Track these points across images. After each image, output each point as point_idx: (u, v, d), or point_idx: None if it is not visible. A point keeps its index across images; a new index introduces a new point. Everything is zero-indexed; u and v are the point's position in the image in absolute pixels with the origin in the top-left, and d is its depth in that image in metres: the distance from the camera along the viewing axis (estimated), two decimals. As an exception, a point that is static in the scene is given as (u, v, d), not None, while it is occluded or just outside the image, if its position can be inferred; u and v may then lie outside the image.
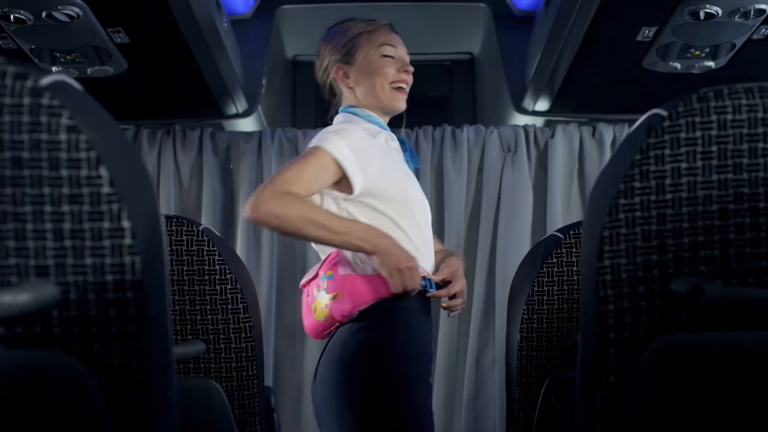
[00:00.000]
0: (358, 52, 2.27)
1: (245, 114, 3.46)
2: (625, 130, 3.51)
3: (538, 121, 3.62)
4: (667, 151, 1.24)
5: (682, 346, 1.23)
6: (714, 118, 1.24)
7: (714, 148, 1.24)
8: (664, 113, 1.27)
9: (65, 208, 1.02)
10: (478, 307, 3.50)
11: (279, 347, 3.51)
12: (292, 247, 3.55)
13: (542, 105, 3.41)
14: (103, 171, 1.02)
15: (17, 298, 0.99)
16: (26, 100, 1.00)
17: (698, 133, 1.24)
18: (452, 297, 2.17)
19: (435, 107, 4.17)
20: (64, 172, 1.02)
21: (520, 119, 3.61)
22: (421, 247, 2.15)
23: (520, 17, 3.55)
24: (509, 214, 3.49)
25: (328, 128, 2.16)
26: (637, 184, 1.25)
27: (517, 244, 3.44)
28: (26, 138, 1.00)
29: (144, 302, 1.06)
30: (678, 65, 2.83)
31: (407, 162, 2.25)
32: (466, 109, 4.17)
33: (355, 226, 2.04)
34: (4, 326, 1.04)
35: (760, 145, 1.23)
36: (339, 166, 2.04)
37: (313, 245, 2.24)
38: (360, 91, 2.26)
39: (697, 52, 2.72)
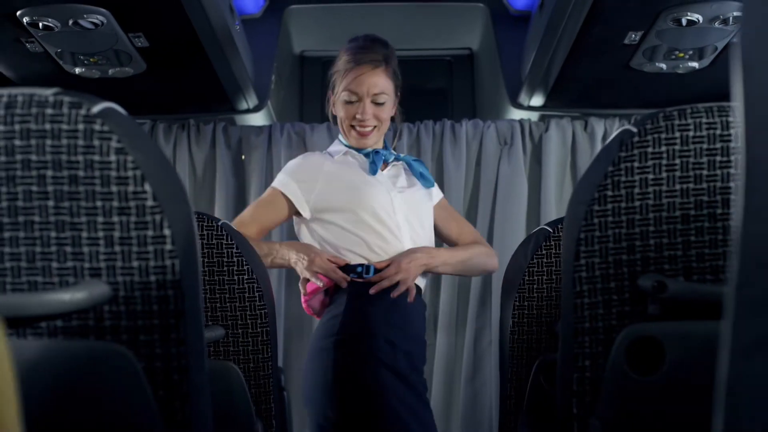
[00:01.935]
0: (336, 88, 2.50)
1: (256, 109, 3.55)
2: (616, 124, 3.60)
3: (533, 116, 3.69)
4: (636, 164, 1.39)
5: (648, 335, 1.39)
6: (677, 134, 1.39)
7: (677, 161, 1.39)
8: (634, 130, 1.41)
9: (115, 218, 1.16)
10: (475, 292, 3.59)
11: (288, 330, 3.60)
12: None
13: (537, 100, 3.49)
14: (147, 187, 1.16)
15: (75, 295, 1.14)
16: (81, 126, 1.14)
17: (664, 148, 1.39)
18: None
19: (436, 100, 4.26)
20: (114, 188, 1.16)
21: (516, 114, 3.68)
22: (377, 247, 2.35)
23: (516, 17, 3.63)
24: (505, 204, 3.57)
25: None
26: (609, 193, 1.40)
27: (512, 232, 3.52)
28: (81, 159, 1.15)
29: (182, 298, 1.20)
30: (664, 66, 2.92)
31: (372, 168, 2.44)
32: (466, 102, 4.25)
33: (276, 247, 2.42)
34: (62, 319, 1.19)
35: (718, 158, 1.38)
36: (286, 197, 2.43)
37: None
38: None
39: (682, 54, 2.82)
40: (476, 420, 3.53)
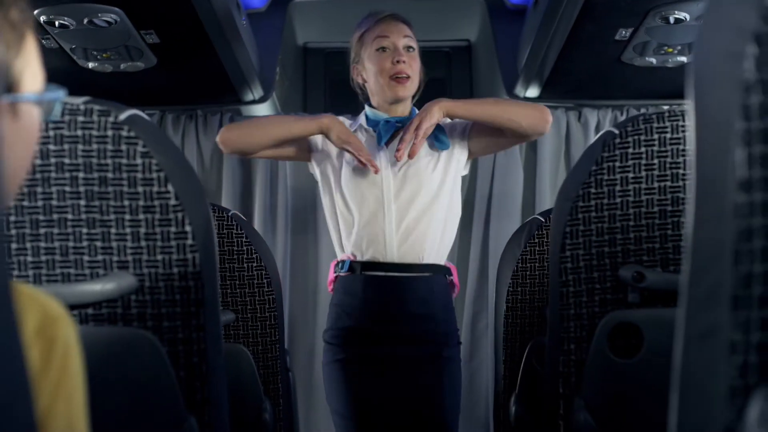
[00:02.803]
0: (362, 51, 2.46)
1: (261, 100, 3.61)
2: (608, 115, 3.67)
3: None
4: (617, 164, 1.50)
5: (628, 321, 1.50)
6: (656, 136, 1.50)
7: (656, 161, 1.50)
8: (616, 132, 1.52)
9: (141, 216, 1.27)
10: (473, 277, 3.68)
11: (293, 314, 3.69)
12: (305, 221, 3.73)
13: (533, 91, 3.54)
14: (170, 187, 1.27)
15: (105, 286, 1.26)
16: (109, 132, 1.25)
17: (643, 149, 1.50)
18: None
19: (435, 90, 4.23)
20: (140, 189, 1.26)
21: None
22: (357, 235, 2.35)
23: (512, 10, 3.68)
24: (502, 192, 3.66)
25: None
26: (593, 190, 1.51)
27: (508, 219, 3.61)
28: (110, 162, 1.25)
29: (202, 288, 1.31)
30: (654, 60, 2.99)
31: (379, 139, 2.41)
32: (464, 92, 4.29)
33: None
34: (93, 308, 1.30)
35: (693, 158, 1.48)
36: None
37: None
38: (369, 86, 2.46)
39: (671, 49, 2.89)
40: (473, 398, 3.63)
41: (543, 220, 2.44)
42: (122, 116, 1.26)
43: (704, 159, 0.73)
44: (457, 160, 2.43)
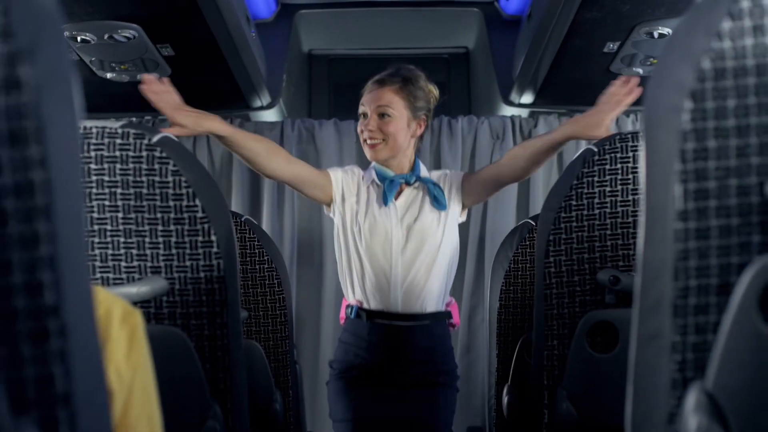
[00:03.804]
0: None
1: (269, 106, 3.75)
2: None
3: (524, 112, 3.88)
4: (596, 178, 1.65)
5: (605, 320, 1.66)
6: (630, 154, 1.65)
7: (630, 176, 1.65)
8: (595, 149, 1.67)
9: (172, 227, 1.40)
10: (470, 274, 3.83)
11: (299, 309, 3.81)
12: (310, 221, 3.87)
13: (527, 98, 3.69)
14: (197, 201, 1.40)
15: (140, 289, 1.38)
16: (144, 153, 1.38)
17: (619, 166, 1.65)
18: None
19: None
20: (171, 203, 1.39)
21: (508, 110, 3.87)
22: (364, 283, 2.46)
23: (508, 20, 3.82)
24: (497, 195, 3.50)
25: None
26: (573, 203, 1.66)
27: (503, 221, 3.75)
28: (145, 179, 1.38)
29: (225, 290, 1.43)
30: (641, 70, 3.13)
31: (385, 198, 2.47)
32: (462, 96, 4.43)
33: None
34: None
35: (664, 174, 1.63)
36: (329, 176, 2.49)
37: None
38: None
39: (656, 61, 3.01)
40: (470, 388, 3.80)
41: (534, 224, 2.56)
42: (155, 139, 1.38)
43: (652, 192, 0.85)
44: (453, 213, 2.52)
